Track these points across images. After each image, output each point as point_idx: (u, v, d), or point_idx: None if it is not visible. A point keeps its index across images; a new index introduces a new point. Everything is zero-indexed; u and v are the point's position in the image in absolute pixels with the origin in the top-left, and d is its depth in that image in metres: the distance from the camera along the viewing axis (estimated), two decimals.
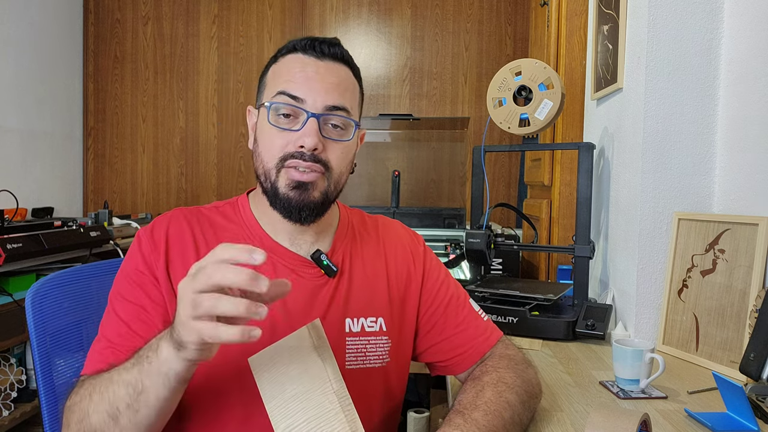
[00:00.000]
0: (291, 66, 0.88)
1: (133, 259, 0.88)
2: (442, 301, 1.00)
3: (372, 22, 3.60)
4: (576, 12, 2.05)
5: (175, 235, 0.89)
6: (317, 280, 0.91)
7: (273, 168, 0.87)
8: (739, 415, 0.91)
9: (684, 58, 1.32)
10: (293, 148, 0.86)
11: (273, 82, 0.90)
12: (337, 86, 0.88)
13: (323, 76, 0.87)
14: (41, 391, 0.94)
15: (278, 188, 0.87)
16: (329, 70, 0.88)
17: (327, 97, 0.86)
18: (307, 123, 0.85)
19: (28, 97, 3.21)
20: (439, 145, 3.47)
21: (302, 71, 0.87)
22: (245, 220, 0.94)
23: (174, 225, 0.90)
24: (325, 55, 0.89)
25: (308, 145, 0.84)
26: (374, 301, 0.95)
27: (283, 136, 0.86)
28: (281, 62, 0.91)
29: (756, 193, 1.19)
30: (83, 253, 2.42)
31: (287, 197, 0.86)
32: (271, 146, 0.87)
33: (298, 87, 0.86)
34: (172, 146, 3.67)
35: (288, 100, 0.86)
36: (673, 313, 1.30)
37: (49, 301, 0.97)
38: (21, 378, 2.18)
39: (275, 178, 0.87)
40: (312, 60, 0.88)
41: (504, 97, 1.55)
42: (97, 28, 3.70)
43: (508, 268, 2.09)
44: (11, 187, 2.71)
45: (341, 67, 0.90)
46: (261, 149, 0.89)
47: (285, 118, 0.87)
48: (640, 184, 1.35)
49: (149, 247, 0.88)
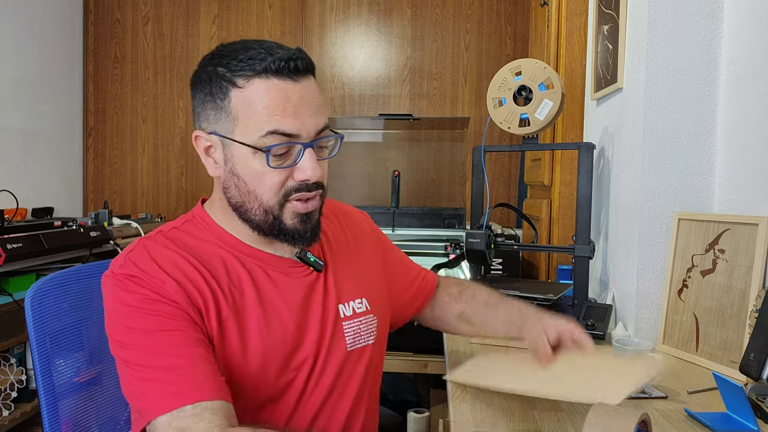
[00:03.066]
0: (270, 96, 0.80)
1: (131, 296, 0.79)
2: (398, 266, 1.14)
3: (372, 22, 3.60)
4: (576, 12, 2.05)
5: (167, 265, 0.82)
6: (308, 277, 0.93)
7: (275, 205, 0.84)
8: (739, 415, 0.91)
9: (684, 58, 1.32)
10: (294, 182, 0.84)
11: (250, 116, 0.81)
12: (318, 107, 0.84)
13: (307, 101, 0.82)
14: (41, 391, 0.94)
15: (283, 222, 0.85)
16: (307, 91, 0.83)
17: (317, 122, 0.83)
18: (305, 156, 0.82)
19: (28, 97, 3.21)
20: (439, 145, 3.47)
21: (288, 102, 0.80)
22: (216, 234, 0.89)
23: (157, 256, 0.82)
24: (299, 72, 0.82)
25: (314, 178, 0.83)
26: (357, 284, 0.99)
27: (280, 172, 0.83)
28: (250, 90, 0.80)
29: (756, 192, 1.19)
30: (83, 253, 2.42)
31: (296, 229, 0.86)
32: (271, 185, 0.83)
33: (291, 123, 0.80)
34: (172, 146, 3.67)
35: (283, 139, 0.81)
36: (673, 313, 1.30)
37: (49, 301, 0.97)
38: (21, 378, 2.18)
39: (278, 213, 0.85)
40: (291, 85, 0.81)
41: (504, 97, 1.55)
42: (97, 28, 3.70)
43: (508, 268, 2.08)
44: (11, 187, 2.71)
45: (312, 81, 0.85)
46: (255, 189, 0.84)
47: (279, 156, 0.82)
48: (640, 184, 1.35)
49: (147, 281, 0.80)
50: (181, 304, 0.80)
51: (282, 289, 0.89)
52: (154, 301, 0.79)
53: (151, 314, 0.78)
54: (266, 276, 0.89)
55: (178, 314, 0.79)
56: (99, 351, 1.05)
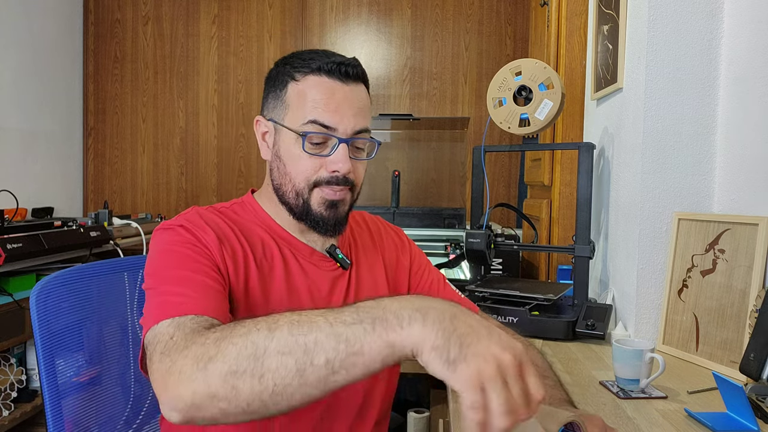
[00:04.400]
0: (318, 91, 0.89)
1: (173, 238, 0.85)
2: (427, 283, 1.12)
3: (372, 22, 3.60)
4: (576, 12, 2.05)
5: (212, 224, 0.90)
6: (334, 272, 0.99)
7: (305, 188, 0.92)
8: (739, 415, 0.91)
9: (684, 58, 1.32)
10: (326, 173, 0.91)
11: (299, 105, 0.90)
12: (361, 110, 0.92)
13: (351, 102, 0.90)
14: (44, 390, 0.94)
15: (311, 206, 0.92)
16: (354, 94, 0.91)
17: (356, 123, 0.90)
18: (339, 149, 0.90)
19: (28, 97, 3.21)
20: (439, 145, 3.47)
21: (332, 98, 0.89)
22: (260, 217, 0.98)
23: (205, 216, 0.91)
24: (350, 77, 0.91)
25: (343, 171, 0.90)
26: (377, 287, 1.03)
27: (314, 160, 0.90)
28: (304, 83, 0.90)
29: (756, 193, 1.19)
30: (83, 253, 2.42)
31: (321, 215, 0.92)
32: (304, 170, 0.91)
33: (330, 116, 0.89)
34: (172, 146, 3.67)
35: (320, 129, 0.89)
36: (673, 313, 1.30)
37: (53, 300, 0.97)
38: (21, 378, 2.18)
39: (308, 197, 0.92)
40: (339, 85, 0.90)
41: (504, 97, 1.55)
42: (97, 28, 3.70)
43: (508, 268, 2.08)
44: (11, 187, 2.71)
45: (362, 88, 0.93)
46: (291, 171, 0.92)
47: (316, 145, 0.90)
48: (640, 184, 1.35)
49: (192, 229, 0.87)
50: (214, 253, 0.86)
51: (309, 277, 0.95)
52: (191, 244, 0.85)
53: (183, 253, 0.84)
54: (296, 262, 0.95)
55: (208, 258, 0.85)
56: (99, 351, 1.05)
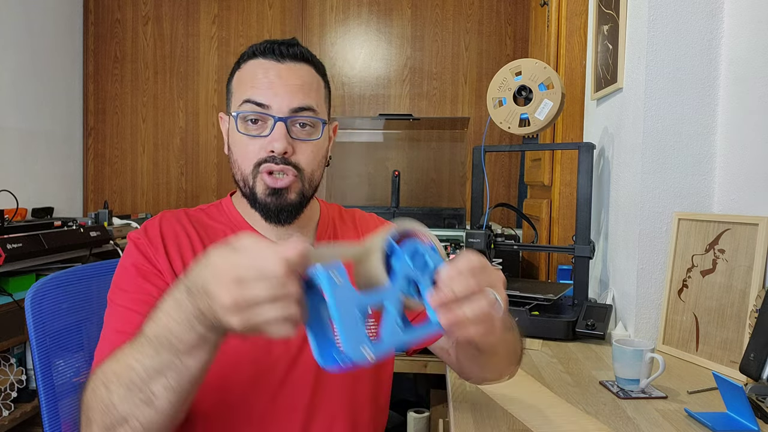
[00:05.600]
0: (253, 72, 0.90)
1: (130, 257, 0.89)
2: None
3: (372, 22, 3.60)
4: (576, 12, 2.05)
5: (170, 233, 0.91)
6: None
7: (249, 174, 0.90)
8: (739, 415, 0.91)
9: (684, 58, 1.32)
10: (264, 153, 0.89)
11: (238, 89, 0.92)
12: (300, 87, 0.90)
13: (285, 79, 0.89)
14: (41, 391, 0.94)
15: (256, 194, 0.91)
16: (291, 72, 0.90)
17: (292, 100, 0.89)
18: (275, 128, 0.88)
19: (27, 97, 3.21)
20: (439, 145, 3.47)
21: (265, 76, 0.89)
22: (232, 219, 0.97)
23: (165, 224, 0.92)
24: (285, 56, 0.90)
25: (278, 149, 0.87)
26: None
27: (254, 142, 0.89)
28: (243, 69, 0.92)
29: (756, 192, 1.19)
30: (83, 253, 2.42)
31: (265, 203, 0.90)
32: (244, 153, 0.90)
33: (262, 93, 0.88)
34: (172, 146, 3.67)
35: (254, 108, 0.88)
36: (673, 313, 1.30)
37: (49, 301, 0.97)
38: (21, 378, 2.18)
39: (252, 184, 0.90)
40: (273, 63, 0.90)
41: (504, 97, 1.55)
42: (97, 28, 3.70)
43: (508, 268, 2.08)
44: (11, 187, 2.71)
45: (303, 67, 0.92)
46: (236, 156, 0.92)
47: (253, 125, 0.89)
48: (640, 184, 1.35)
49: (145, 244, 0.89)
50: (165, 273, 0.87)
51: None
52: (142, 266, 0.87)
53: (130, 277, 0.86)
54: None
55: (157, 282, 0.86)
56: None
